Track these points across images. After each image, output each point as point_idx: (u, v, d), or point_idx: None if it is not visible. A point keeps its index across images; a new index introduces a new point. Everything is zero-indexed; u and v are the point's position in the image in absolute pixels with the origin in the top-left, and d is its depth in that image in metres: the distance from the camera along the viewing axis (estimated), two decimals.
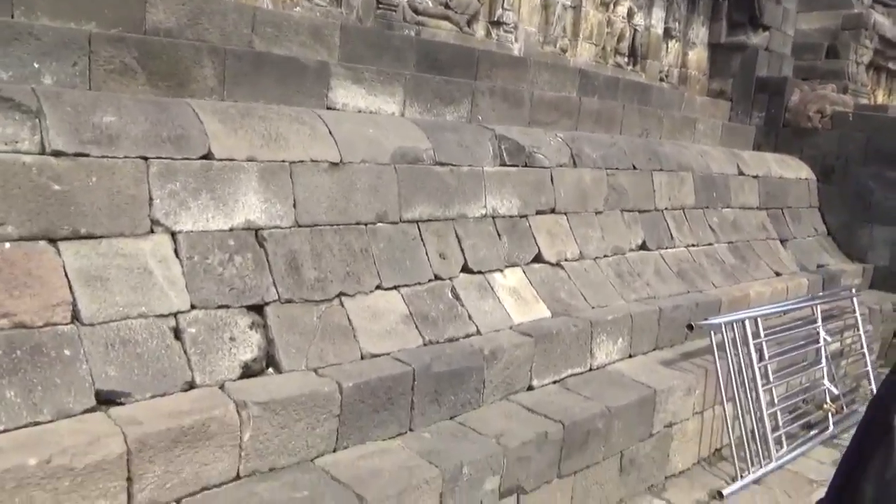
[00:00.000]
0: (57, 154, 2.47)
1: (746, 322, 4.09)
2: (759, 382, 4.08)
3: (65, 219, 2.44)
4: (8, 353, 2.18)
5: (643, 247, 4.72)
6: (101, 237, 2.51)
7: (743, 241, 5.69)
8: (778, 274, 5.65)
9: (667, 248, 4.86)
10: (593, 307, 3.92)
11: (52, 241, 2.41)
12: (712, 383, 3.99)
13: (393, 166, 3.42)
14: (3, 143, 2.41)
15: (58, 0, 3.02)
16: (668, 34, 6.97)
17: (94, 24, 3.12)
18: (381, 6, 4.59)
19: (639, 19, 6.58)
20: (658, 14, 6.75)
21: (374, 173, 3.32)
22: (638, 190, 4.79)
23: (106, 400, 2.29)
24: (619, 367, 3.77)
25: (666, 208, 5.01)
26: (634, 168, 4.82)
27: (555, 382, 3.47)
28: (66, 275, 2.38)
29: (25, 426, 2.09)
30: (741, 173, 5.97)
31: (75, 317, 2.35)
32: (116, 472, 2.07)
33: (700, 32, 7.30)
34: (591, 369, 3.70)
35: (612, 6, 6.31)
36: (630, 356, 3.97)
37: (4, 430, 2.06)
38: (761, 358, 4.20)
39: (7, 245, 2.32)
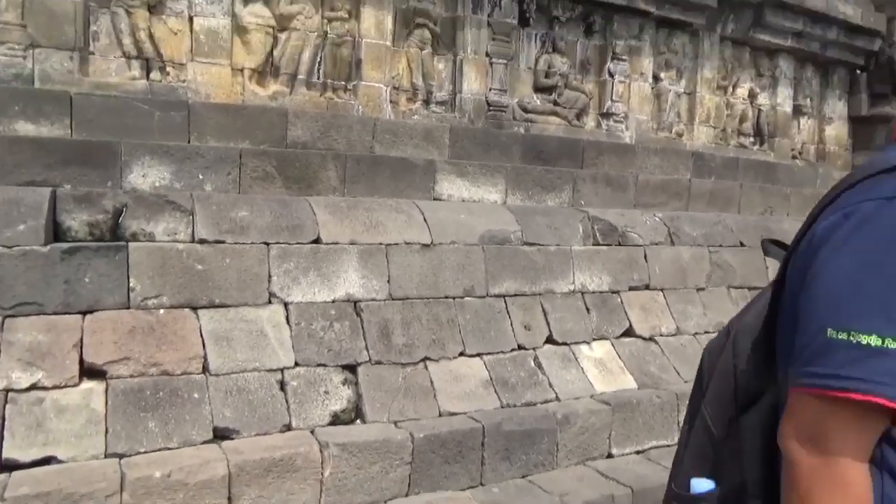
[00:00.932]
0: (202, 241, 3.21)
1: None
2: None
3: (204, 291, 3.14)
4: (154, 393, 2.83)
5: None
6: (230, 306, 3.18)
7: None
8: None
9: None
10: (686, 381, 3.93)
11: (194, 308, 3.11)
12: None
13: (481, 247, 3.84)
14: (167, 234, 3.20)
15: (223, 127, 3.91)
16: (798, 111, 6.86)
17: (248, 142, 3.97)
18: (491, 108, 5.17)
19: (763, 99, 6.59)
20: (785, 92, 6.71)
21: (463, 253, 3.77)
22: (747, 267, 4.75)
23: (221, 435, 2.86)
24: None
25: None
26: (742, 245, 4.80)
27: (637, 453, 3.53)
28: (201, 335, 3.05)
29: (158, 450, 2.70)
30: None
31: (205, 368, 2.99)
32: (220, 490, 2.58)
33: (837, 107, 7.08)
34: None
35: (730, 89, 6.42)
36: None
37: (144, 452, 2.68)
38: None
39: (161, 311, 3.05)
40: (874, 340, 0.85)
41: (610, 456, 3.44)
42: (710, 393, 1.16)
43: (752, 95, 6.53)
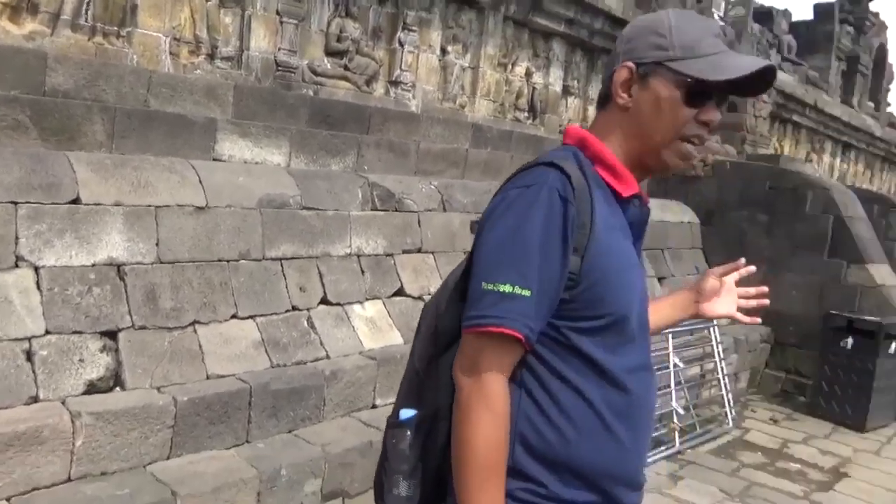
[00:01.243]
0: None
1: None
2: None
3: None
4: None
5: None
6: None
7: None
8: None
9: None
10: None
11: None
12: None
13: (259, 210, 3.80)
14: None
15: None
16: (567, 91, 7.53)
17: None
18: (280, 69, 5.04)
19: (537, 78, 7.13)
20: (556, 73, 7.31)
21: (240, 216, 3.71)
22: None
23: None
24: None
25: None
26: None
27: None
28: None
29: None
30: None
31: None
32: None
33: (600, 90, 7.87)
34: None
35: (509, 66, 6.85)
36: None
37: None
38: None
39: None
40: (507, 288, 1.14)
41: (374, 406, 3.67)
42: (419, 337, 1.40)
43: (528, 74, 7.03)
